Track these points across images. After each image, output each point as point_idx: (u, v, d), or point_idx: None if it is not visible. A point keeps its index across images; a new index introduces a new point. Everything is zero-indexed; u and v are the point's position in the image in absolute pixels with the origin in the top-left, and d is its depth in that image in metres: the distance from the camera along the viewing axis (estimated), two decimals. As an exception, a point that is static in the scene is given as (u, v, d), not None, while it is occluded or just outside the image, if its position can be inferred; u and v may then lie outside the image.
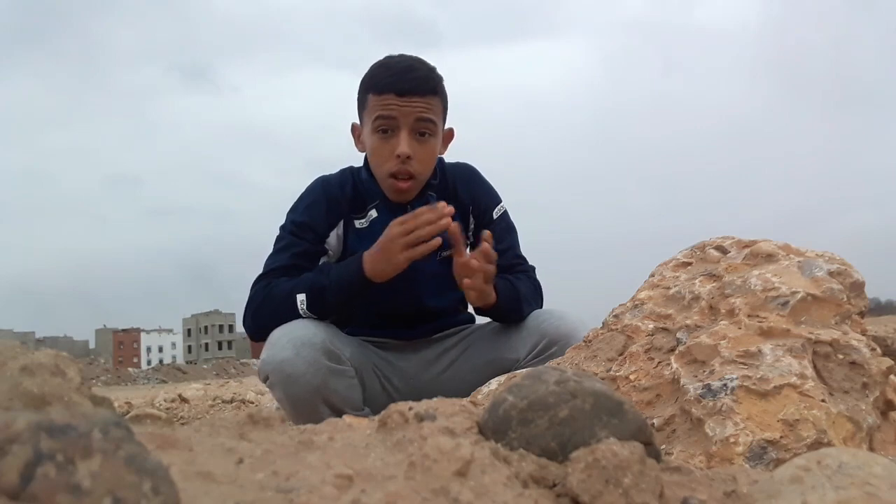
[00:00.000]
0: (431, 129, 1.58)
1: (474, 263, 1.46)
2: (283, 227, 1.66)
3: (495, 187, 1.80)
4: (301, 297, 1.50)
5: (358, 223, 1.66)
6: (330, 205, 1.65)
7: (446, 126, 1.69)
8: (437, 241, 1.45)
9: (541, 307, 1.69)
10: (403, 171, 1.57)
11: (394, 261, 1.46)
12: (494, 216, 1.73)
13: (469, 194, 1.73)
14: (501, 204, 1.76)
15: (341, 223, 1.66)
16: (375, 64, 1.62)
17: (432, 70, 1.62)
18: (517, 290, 1.63)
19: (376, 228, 1.63)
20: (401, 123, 1.55)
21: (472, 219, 1.73)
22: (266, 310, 1.54)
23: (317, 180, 1.71)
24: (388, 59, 1.62)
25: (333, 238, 1.65)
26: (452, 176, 1.74)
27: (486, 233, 1.50)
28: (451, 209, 1.45)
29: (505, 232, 1.73)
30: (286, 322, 1.48)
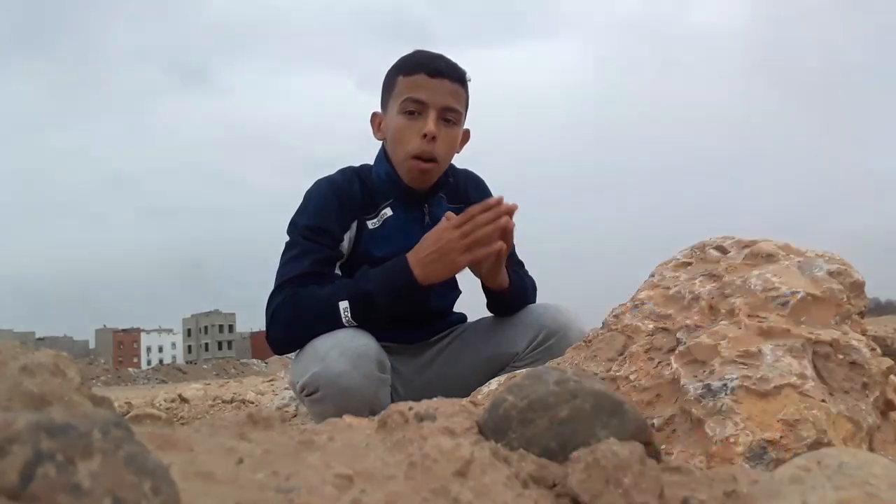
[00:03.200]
0: (456, 117, 1.60)
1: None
2: (292, 233, 1.59)
3: (493, 189, 1.84)
4: (344, 305, 1.43)
5: (370, 223, 1.63)
6: (342, 206, 1.60)
7: (465, 127, 1.70)
8: (501, 244, 1.44)
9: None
10: (427, 152, 1.56)
11: (453, 265, 1.44)
12: None
13: (479, 201, 1.73)
14: None
15: (354, 225, 1.62)
16: (408, 53, 1.65)
17: (462, 70, 1.65)
18: (524, 281, 1.68)
19: (390, 228, 1.62)
20: (429, 105, 1.56)
21: None
22: (301, 320, 1.46)
23: (321, 182, 1.66)
24: (421, 50, 1.66)
25: (345, 240, 1.60)
26: (465, 181, 1.77)
27: (499, 198, 1.49)
28: (512, 206, 1.44)
29: None
30: (325, 332, 1.42)
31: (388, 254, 1.54)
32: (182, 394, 6.16)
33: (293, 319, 1.46)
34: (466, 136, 1.72)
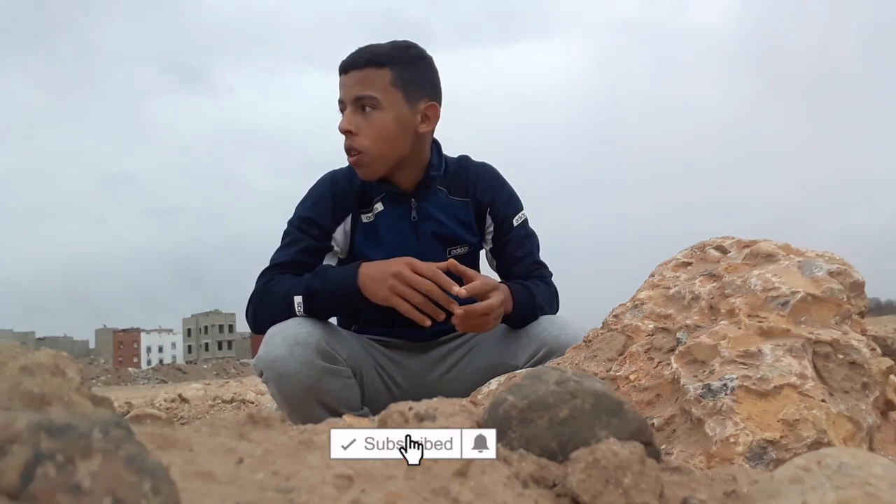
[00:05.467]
0: (372, 102, 1.55)
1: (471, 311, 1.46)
2: (290, 222, 1.66)
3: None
4: (298, 300, 1.49)
5: (365, 218, 1.65)
6: (336, 200, 1.64)
7: (427, 103, 1.61)
8: (428, 321, 1.46)
9: (556, 312, 1.69)
10: (348, 147, 1.57)
11: (384, 297, 1.46)
12: (515, 223, 1.73)
13: (490, 196, 1.71)
14: (522, 212, 1.75)
15: (349, 218, 1.65)
16: None
17: (393, 45, 1.59)
18: (533, 295, 1.63)
19: (381, 222, 1.64)
20: (345, 102, 1.57)
21: (489, 219, 1.73)
22: (266, 307, 1.55)
23: (326, 175, 1.71)
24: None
25: (340, 233, 1.65)
26: (475, 174, 1.73)
27: (451, 262, 1.49)
28: (458, 312, 1.45)
29: (524, 239, 1.74)
30: (283, 320, 1.48)
31: (378, 249, 1.59)
32: (182, 394, 6.17)
33: (259, 304, 1.57)
34: (433, 111, 1.63)
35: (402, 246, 1.60)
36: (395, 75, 1.57)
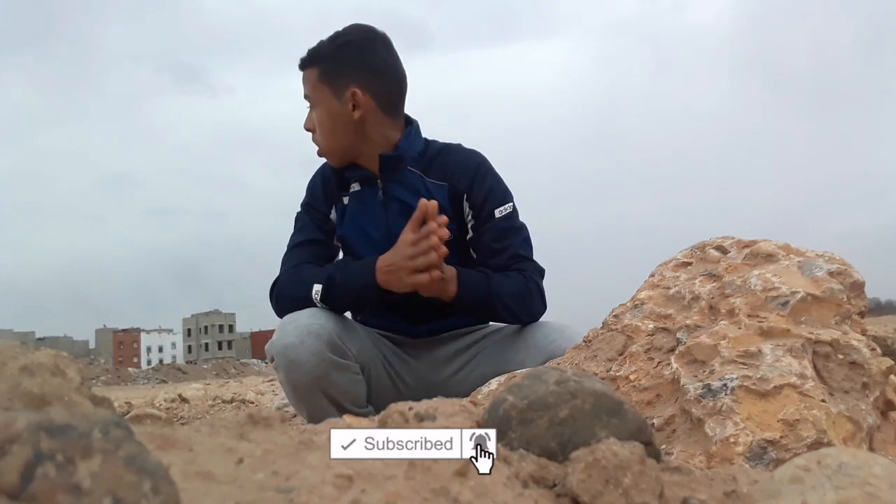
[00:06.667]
0: (314, 100, 1.70)
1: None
2: (300, 206, 1.79)
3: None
4: (317, 287, 1.53)
5: (345, 200, 1.74)
6: (325, 186, 1.75)
7: (351, 90, 1.62)
8: (437, 273, 1.48)
9: (538, 309, 1.64)
10: (315, 143, 1.72)
11: (402, 284, 1.49)
12: (496, 214, 1.65)
13: (467, 181, 1.67)
14: (509, 204, 1.68)
15: (336, 202, 1.75)
16: None
17: (326, 39, 1.69)
18: (488, 282, 1.57)
19: (355, 202, 1.72)
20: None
21: (466, 206, 1.67)
22: (287, 292, 1.61)
23: (321, 166, 1.82)
24: None
25: (334, 216, 1.75)
26: (456, 159, 1.70)
27: (423, 201, 1.48)
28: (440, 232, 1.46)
29: (506, 231, 1.66)
30: (303, 307, 1.52)
31: (352, 228, 1.69)
32: (182, 394, 6.17)
33: (282, 290, 1.64)
34: (357, 98, 1.63)
35: (372, 225, 1.67)
36: (320, 72, 1.67)
